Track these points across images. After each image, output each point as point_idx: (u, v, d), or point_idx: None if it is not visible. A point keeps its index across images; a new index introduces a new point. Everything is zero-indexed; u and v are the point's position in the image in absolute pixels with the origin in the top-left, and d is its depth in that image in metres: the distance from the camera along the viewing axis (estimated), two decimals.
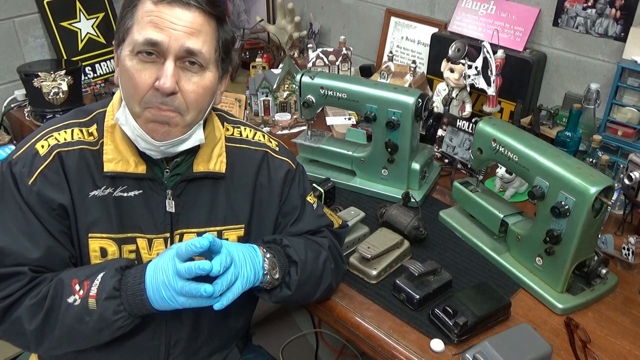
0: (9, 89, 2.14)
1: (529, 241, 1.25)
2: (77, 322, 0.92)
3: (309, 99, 1.56)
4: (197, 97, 0.95)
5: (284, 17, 2.42)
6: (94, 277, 0.93)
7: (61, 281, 0.94)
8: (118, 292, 0.92)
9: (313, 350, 2.20)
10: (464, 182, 1.46)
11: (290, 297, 1.07)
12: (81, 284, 0.93)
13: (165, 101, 0.93)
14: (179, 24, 0.91)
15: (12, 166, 0.97)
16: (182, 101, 0.94)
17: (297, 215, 1.14)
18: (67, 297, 0.92)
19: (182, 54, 0.92)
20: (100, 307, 0.91)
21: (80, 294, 0.92)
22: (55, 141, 0.99)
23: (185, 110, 0.95)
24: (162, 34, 0.90)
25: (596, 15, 1.63)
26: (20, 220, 0.95)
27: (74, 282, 0.93)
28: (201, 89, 0.96)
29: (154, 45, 0.90)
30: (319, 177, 1.55)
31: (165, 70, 0.91)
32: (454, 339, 1.08)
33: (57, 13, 2.17)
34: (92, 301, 0.91)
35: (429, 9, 2.06)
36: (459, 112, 1.76)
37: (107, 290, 0.92)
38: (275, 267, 1.03)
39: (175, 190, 1.03)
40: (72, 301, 0.92)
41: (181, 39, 0.91)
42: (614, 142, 1.58)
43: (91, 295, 0.92)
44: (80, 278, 0.94)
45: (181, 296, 0.90)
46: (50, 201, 0.96)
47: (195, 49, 0.92)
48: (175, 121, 0.95)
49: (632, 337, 1.12)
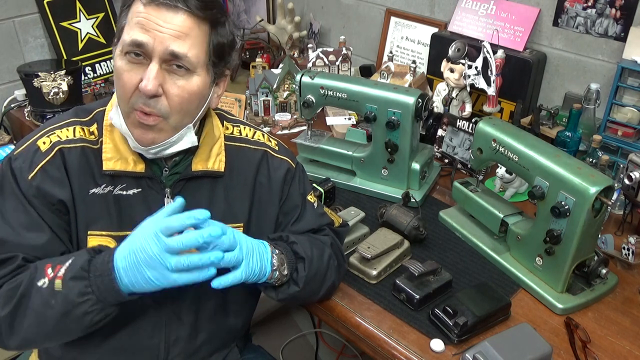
0: (9, 89, 2.13)
1: (529, 241, 1.25)
2: (43, 306, 0.88)
3: (309, 99, 1.56)
4: (181, 101, 0.94)
5: (284, 17, 2.42)
6: (67, 259, 0.90)
7: (36, 267, 0.92)
8: (86, 272, 0.88)
9: (313, 350, 2.20)
10: (464, 182, 1.46)
11: (298, 293, 1.06)
12: (54, 267, 0.90)
13: (148, 103, 0.92)
14: (166, 26, 0.90)
15: (12, 162, 0.98)
16: (166, 104, 0.93)
17: (298, 214, 1.14)
18: (37, 280, 0.89)
19: (167, 57, 0.91)
20: (65, 288, 0.87)
21: (50, 277, 0.89)
22: (57, 138, 0.99)
23: (169, 113, 0.94)
24: (147, 35, 0.90)
25: (596, 15, 1.63)
26: (20, 213, 0.95)
27: (47, 267, 0.91)
28: (186, 93, 0.95)
29: (139, 47, 0.90)
30: (319, 177, 1.55)
31: (148, 73, 0.91)
32: (454, 339, 1.08)
33: (57, 13, 2.17)
34: (59, 282, 0.88)
35: (429, 9, 2.06)
36: (459, 112, 1.76)
37: (74, 269, 0.88)
38: (283, 264, 1.03)
39: (174, 189, 1.03)
40: (41, 284, 0.89)
41: (166, 41, 0.90)
42: (614, 142, 1.58)
43: (58, 277, 0.88)
44: (54, 262, 0.91)
45: (175, 273, 0.85)
46: (50, 196, 0.96)
47: (180, 52, 0.91)
48: (160, 127, 0.95)
49: (632, 337, 1.12)
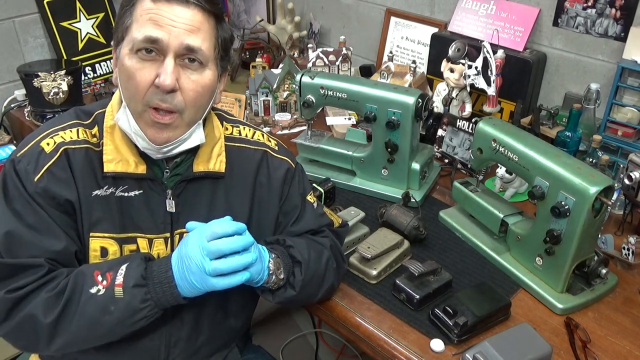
0: (9, 89, 2.13)
1: (529, 241, 1.25)
2: (100, 312, 0.92)
3: (309, 99, 1.56)
4: (196, 95, 0.96)
5: (284, 17, 2.42)
6: (117, 268, 0.93)
7: (81, 273, 0.93)
8: (145, 280, 0.92)
9: (313, 350, 2.20)
10: (464, 182, 1.46)
11: (294, 297, 1.07)
12: (103, 275, 0.93)
13: (165, 98, 0.93)
14: (179, 21, 0.91)
15: (16, 164, 0.97)
16: (181, 99, 0.94)
17: (297, 214, 1.14)
18: (89, 287, 0.92)
19: (182, 51, 0.92)
20: (128, 295, 0.91)
21: (104, 284, 0.92)
22: (61, 139, 0.99)
23: (184, 108, 0.95)
24: (162, 31, 0.90)
25: (596, 15, 1.63)
26: (30, 214, 0.94)
27: (96, 274, 0.93)
28: (200, 87, 0.96)
29: (154, 43, 0.91)
30: (319, 177, 1.55)
31: (165, 67, 0.91)
32: (454, 339, 1.08)
33: (57, 13, 2.17)
34: (119, 289, 0.91)
35: (429, 9, 2.06)
36: (459, 112, 1.76)
37: (135, 277, 0.92)
38: (279, 268, 1.04)
39: (175, 190, 1.03)
40: (95, 291, 0.92)
41: (181, 36, 0.91)
42: (614, 142, 1.58)
43: (117, 284, 0.92)
44: (102, 270, 0.94)
45: (213, 277, 0.91)
46: (58, 196, 0.96)
47: (195, 46, 0.92)
48: (175, 124, 0.96)
49: (632, 337, 1.12)
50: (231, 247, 0.91)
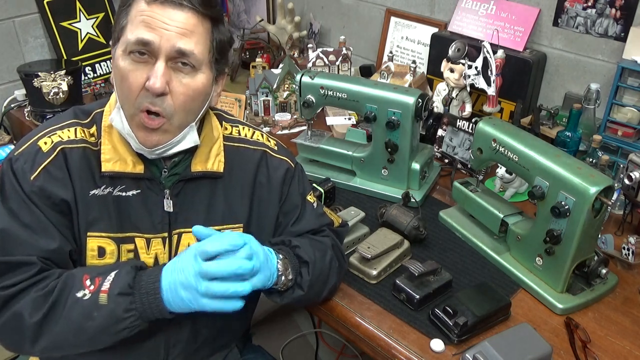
0: (9, 89, 2.13)
1: (529, 241, 1.25)
2: (83, 317, 0.90)
3: (309, 99, 1.56)
4: (186, 99, 0.95)
5: (284, 17, 2.42)
6: (107, 274, 0.92)
7: (72, 275, 0.93)
8: (131, 289, 0.90)
9: (313, 350, 2.20)
10: (464, 182, 1.46)
11: (302, 297, 1.06)
12: (92, 279, 0.91)
13: (155, 102, 0.92)
14: (171, 24, 0.91)
15: (13, 163, 0.97)
16: (171, 103, 0.93)
17: (298, 214, 1.14)
18: (76, 291, 0.90)
19: (174, 55, 0.91)
20: (112, 302, 0.89)
21: (91, 289, 0.90)
22: (59, 138, 0.99)
23: (173, 112, 0.94)
24: (154, 33, 0.90)
25: (596, 15, 1.63)
26: (25, 213, 0.94)
27: (85, 277, 0.92)
28: (191, 91, 0.95)
29: (145, 45, 0.90)
30: (319, 177, 1.55)
31: (155, 71, 0.91)
32: (454, 339, 1.08)
33: (57, 13, 2.17)
34: (104, 296, 0.90)
35: (429, 9, 2.06)
36: (459, 112, 1.76)
37: (121, 285, 0.90)
38: (287, 268, 1.03)
39: (173, 190, 1.03)
40: (81, 295, 0.90)
41: (173, 39, 0.90)
42: (614, 142, 1.58)
43: (103, 290, 0.90)
44: (92, 274, 0.92)
45: (205, 298, 0.89)
46: (54, 196, 0.96)
47: (187, 49, 0.92)
48: (164, 128, 0.95)
49: (632, 337, 1.12)
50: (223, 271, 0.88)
